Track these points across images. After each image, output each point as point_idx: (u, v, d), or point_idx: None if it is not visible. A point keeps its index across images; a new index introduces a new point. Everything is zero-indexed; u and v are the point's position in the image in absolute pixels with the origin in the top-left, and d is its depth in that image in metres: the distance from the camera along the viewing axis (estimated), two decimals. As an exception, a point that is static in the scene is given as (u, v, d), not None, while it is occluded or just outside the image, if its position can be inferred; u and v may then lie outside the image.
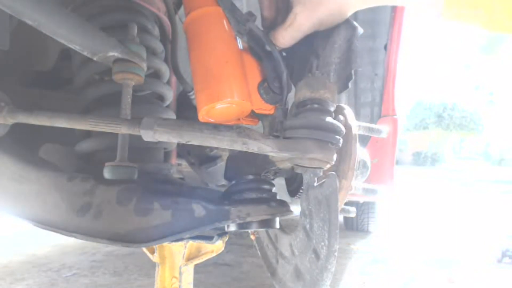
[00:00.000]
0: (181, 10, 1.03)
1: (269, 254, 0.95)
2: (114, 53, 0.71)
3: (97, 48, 0.69)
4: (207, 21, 0.82)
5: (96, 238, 0.69)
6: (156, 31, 0.96)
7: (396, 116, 1.81)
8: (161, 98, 0.98)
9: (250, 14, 0.78)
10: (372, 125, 1.07)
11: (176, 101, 1.19)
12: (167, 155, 1.06)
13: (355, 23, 0.72)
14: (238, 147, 0.65)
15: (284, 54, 0.82)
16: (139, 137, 0.68)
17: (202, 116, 0.79)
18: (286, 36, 0.73)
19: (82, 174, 0.76)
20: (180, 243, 0.97)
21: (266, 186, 0.83)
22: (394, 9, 1.70)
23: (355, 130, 0.81)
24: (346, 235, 3.60)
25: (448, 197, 7.88)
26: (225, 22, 0.82)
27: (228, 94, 0.74)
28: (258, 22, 0.80)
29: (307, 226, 0.69)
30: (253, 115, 0.81)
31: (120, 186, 0.73)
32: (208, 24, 0.82)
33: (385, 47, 1.76)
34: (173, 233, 0.72)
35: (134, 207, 0.71)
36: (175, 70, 0.99)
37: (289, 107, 0.78)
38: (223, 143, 0.65)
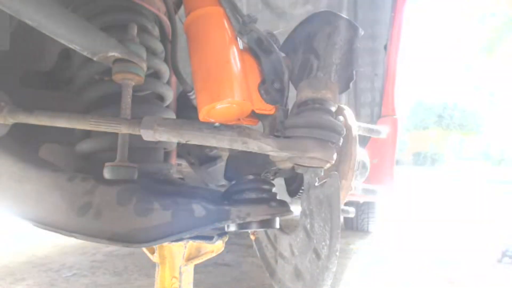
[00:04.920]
0: (181, 10, 1.03)
1: (268, 255, 0.95)
2: (114, 53, 0.71)
3: (97, 48, 0.69)
4: (208, 21, 0.82)
5: (96, 238, 0.69)
6: (156, 31, 0.96)
7: (396, 116, 1.81)
8: (161, 98, 0.98)
9: (251, 16, 0.78)
10: (372, 126, 1.07)
11: (176, 101, 1.19)
12: (167, 155, 1.06)
13: (355, 24, 0.72)
14: (238, 146, 0.65)
15: (284, 54, 0.82)
16: (139, 137, 0.68)
17: (203, 116, 0.79)
18: None
19: (82, 174, 0.76)
20: (180, 243, 0.96)
21: (266, 186, 0.83)
22: (394, 9, 1.70)
23: (355, 131, 0.81)
24: (346, 235, 3.60)
25: (448, 197, 7.88)
26: (225, 22, 0.82)
27: (229, 94, 0.74)
28: (258, 23, 0.80)
29: (308, 226, 0.69)
30: (254, 115, 0.81)
31: (120, 186, 0.73)
32: (209, 24, 0.82)
33: (385, 47, 1.76)
34: (173, 233, 0.72)
35: (134, 207, 0.71)
36: (175, 70, 0.99)
37: (290, 108, 0.78)
38: (223, 143, 0.65)
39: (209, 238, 0.95)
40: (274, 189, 0.85)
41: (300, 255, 0.73)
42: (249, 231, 0.85)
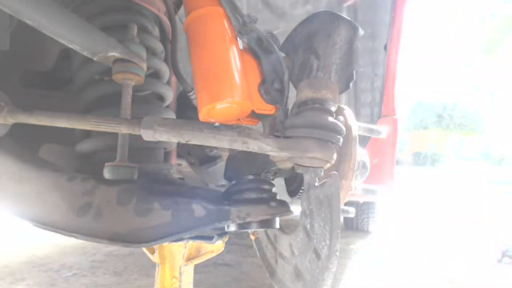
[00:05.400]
0: (181, 10, 1.03)
1: (268, 255, 0.95)
2: (114, 53, 0.71)
3: (97, 48, 0.69)
4: (208, 21, 0.82)
5: (96, 238, 0.69)
6: (156, 31, 0.96)
7: (396, 116, 1.82)
8: (161, 98, 0.98)
9: (251, 16, 0.78)
10: (372, 126, 1.07)
11: (176, 101, 1.19)
12: (167, 155, 1.06)
13: (355, 23, 0.72)
14: (238, 146, 0.65)
15: (284, 54, 0.82)
16: (139, 137, 0.68)
17: (203, 116, 0.79)
18: None
19: (82, 174, 0.75)
20: (180, 243, 0.96)
21: (266, 186, 0.83)
22: (394, 9, 1.70)
23: (355, 131, 0.81)
24: (346, 235, 3.60)
25: (448, 197, 7.88)
26: (225, 22, 0.82)
27: (229, 94, 0.74)
28: (258, 23, 0.80)
29: (308, 226, 0.69)
30: (254, 115, 0.81)
31: (120, 186, 0.73)
32: (209, 24, 0.82)
33: (385, 47, 1.76)
34: (173, 233, 0.72)
35: (134, 207, 0.71)
36: (175, 70, 0.99)
37: (290, 108, 0.78)
38: (223, 143, 0.65)
39: (209, 238, 0.95)
40: (274, 189, 0.85)
41: (300, 255, 0.73)
42: (249, 231, 0.84)
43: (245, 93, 0.76)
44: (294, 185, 0.92)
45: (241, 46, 0.82)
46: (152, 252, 1.02)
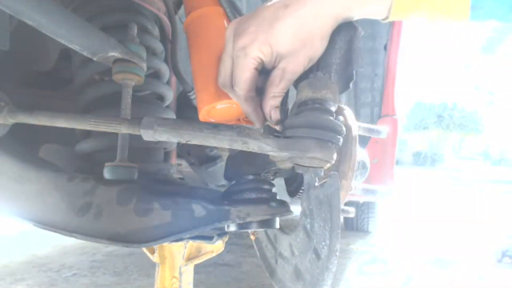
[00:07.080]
0: (181, 10, 1.03)
1: (268, 255, 0.95)
2: (114, 54, 0.71)
3: (97, 49, 0.69)
4: (208, 21, 0.82)
5: (96, 238, 0.69)
6: (156, 31, 0.96)
7: (396, 116, 1.82)
8: (161, 98, 0.98)
9: None
10: (372, 126, 1.07)
11: (176, 101, 1.19)
12: (167, 155, 1.06)
13: (355, 23, 0.72)
14: (238, 146, 0.65)
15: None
16: (139, 137, 0.68)
17: (203, 116, 0.79)
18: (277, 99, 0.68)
19: (82, 174, 0.75)
20: (180, 243, 0.97)
21: (266, 186, 0.83)
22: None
23: (355, 131, 0.81)
24: (346, 235, 3.60)
25: (448, 197, 7.88)
26: (225, 22, 0.82)
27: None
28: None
29: (308, 226, 0.69)
30: (253, 115, 0.81)
31: (120, 186, 0.73)
32: (209, 24, 0.82)
33: (385, 47, 1.76)
34: (173, 233, 0.72)
35: (134, 207, 0.71)
36: (175, 70, 0.99)
37: (290, 107, 0.78)
38: (223, 143, 0.65)
39: (209, 238, 0.95)
40: (274, 189, 0.85)
41: (300, 255, 0.73)
42: (249, 231, 0.84)
43: (245, 93, 0.76)
44: (294, 185, 0.92)
45: (241, 46, 0.82)
46: (152, 252, 1.02)
